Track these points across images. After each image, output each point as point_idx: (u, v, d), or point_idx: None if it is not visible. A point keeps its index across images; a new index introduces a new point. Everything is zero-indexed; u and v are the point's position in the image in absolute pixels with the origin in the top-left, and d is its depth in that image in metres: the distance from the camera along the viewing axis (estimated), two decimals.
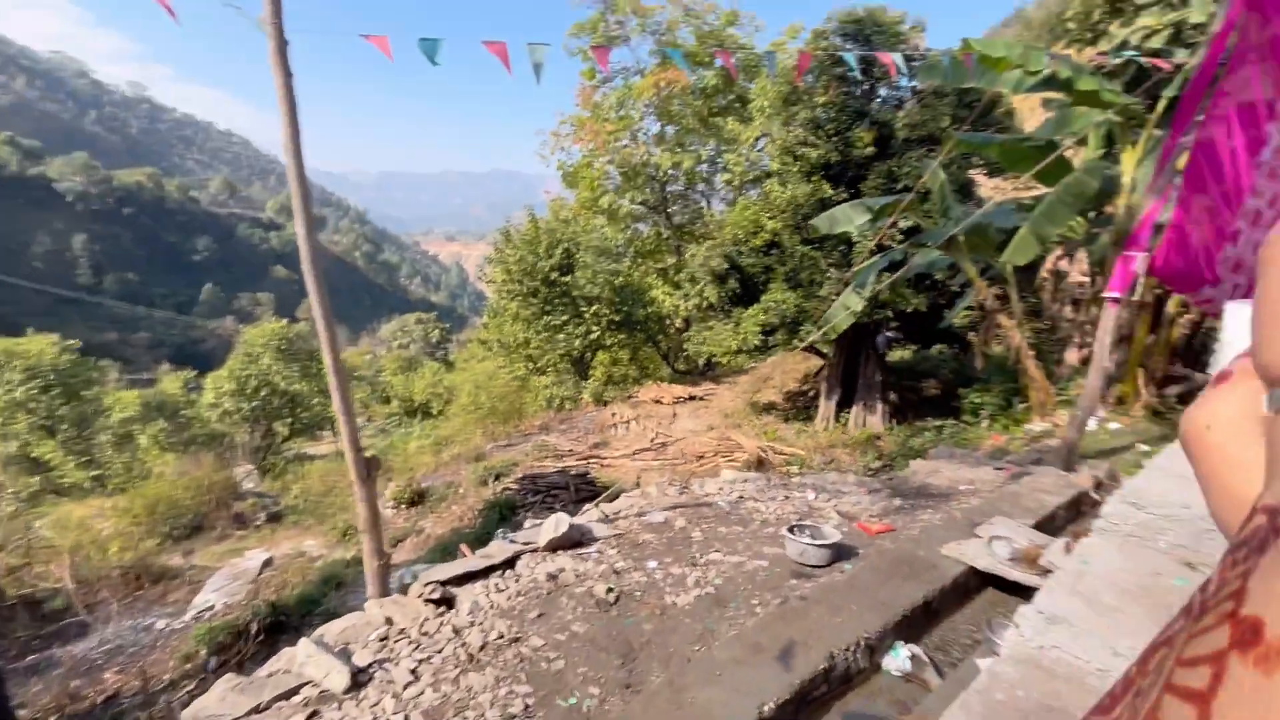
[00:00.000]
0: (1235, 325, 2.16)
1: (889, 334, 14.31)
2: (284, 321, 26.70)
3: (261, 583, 9.47)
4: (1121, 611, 1.70)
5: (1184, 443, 0.28)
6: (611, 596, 2.94)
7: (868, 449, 11.76)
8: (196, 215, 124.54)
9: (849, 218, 7.46)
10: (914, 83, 14.00)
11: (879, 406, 13.71)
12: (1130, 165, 5.87)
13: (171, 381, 34.02)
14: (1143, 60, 5.44)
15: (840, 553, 3.30)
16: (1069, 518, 3.94)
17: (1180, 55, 5.49)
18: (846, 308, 7.55)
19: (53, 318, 65.42)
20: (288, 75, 2.64)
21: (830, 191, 12.87)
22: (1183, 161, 4.16)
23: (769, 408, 16.16)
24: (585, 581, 3.12)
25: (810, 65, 13.76)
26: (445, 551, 8.64)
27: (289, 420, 23.79)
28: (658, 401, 16.72)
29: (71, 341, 22.87)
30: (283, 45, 2.61)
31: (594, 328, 17.14)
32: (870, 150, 12.88)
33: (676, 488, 4.57)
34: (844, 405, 14.28)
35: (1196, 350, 7.75)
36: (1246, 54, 3.99)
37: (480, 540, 9.29)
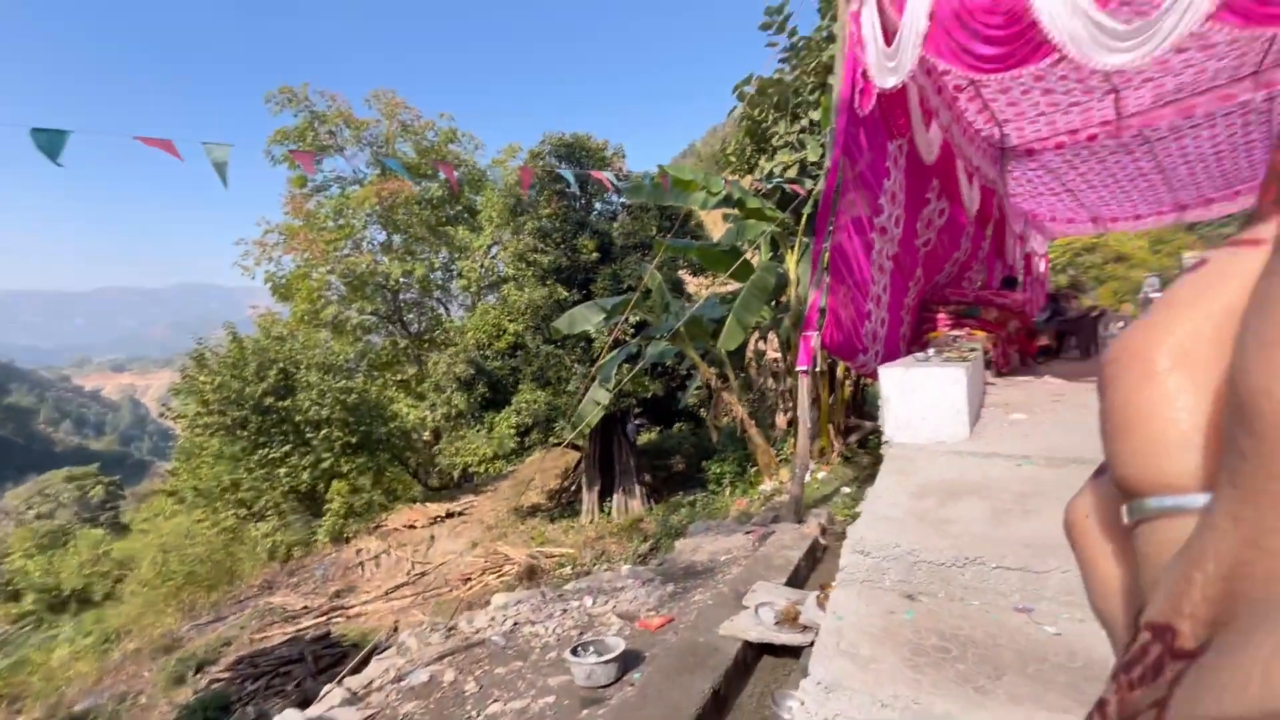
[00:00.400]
0: (888, 383, 2.66)
1: (637, 421, 15.33)
2: None
3: None
4: (877, 661, 1.85)
5: (1066, 530, 0.27)
6: None
7: (633, 534, 12.08)
8: None
9: (586, 318, 7.92)
10: (623, 199, 16.02)
11: (637, 489, 14.33)
12: (792, 265, 7.34)
13: None
14: (785, 186, 6.99)
15: (627, 662, 3.15)
16: (809, 567, 4.42)
17: (809, 184, 7.20)
18: (596, 402, 7.85)
19: None
20: None
21: (565, 293, 13.65)
22: (826, 261, 5.31)
23: (534, 510, 15.72)
24: None
25: (532, 181, 14.82)
26: None
27: None
28: (411, 527, 15.04)
29: None
30: None
31: (325, 454, 14.98)
32: (595, 256, 14.13)
33: (441, 631, 3.98)
34: (605, 494, 14.61)
35: (860, 404, 9.68)
36: (848, 184, 5.36)
37: None
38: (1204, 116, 7.80)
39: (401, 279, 19.61)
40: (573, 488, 15.90)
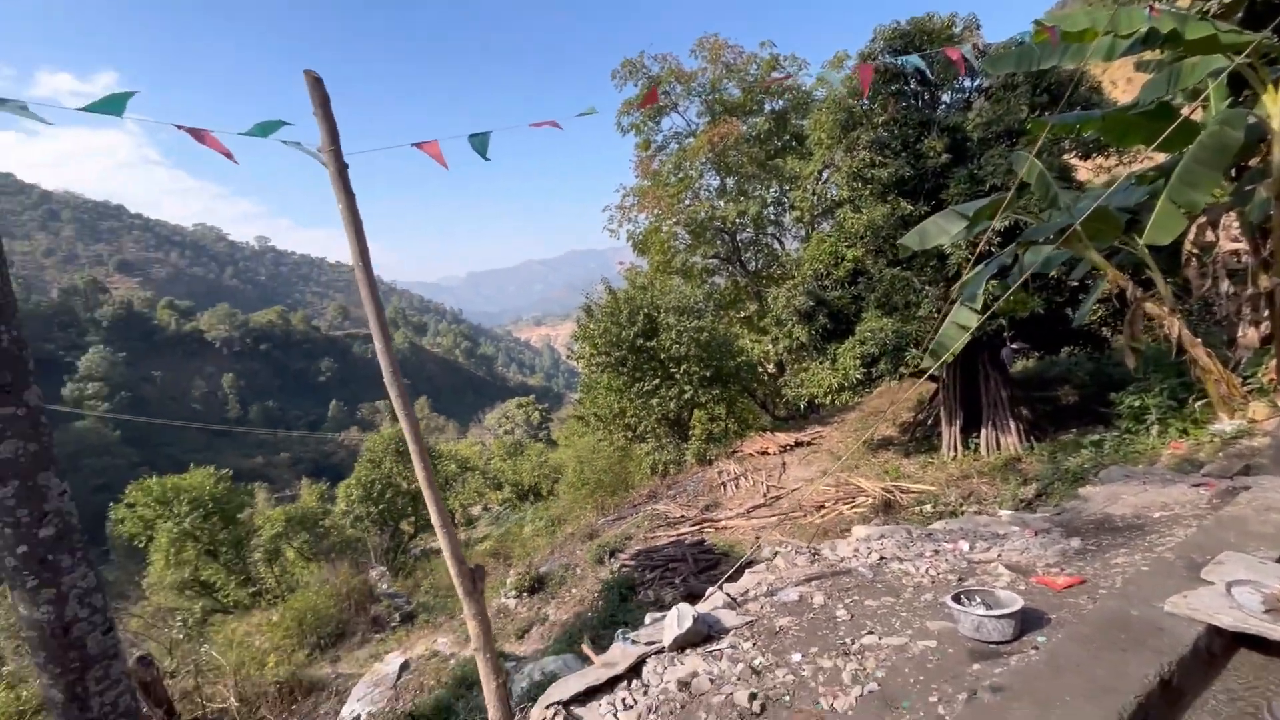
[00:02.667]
0: None
1: (1014, 346, 12.99)
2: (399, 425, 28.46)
3: (400, 688, 9.55)
4: None
5: None
6: (757, 705, 2.52)
7: (1009, 475, 10.47)
8: (318, 341, 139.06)
9: (942, 229, 6.88)
10: (979, 81, 13.28)
11: (1011, 425, 12.32)
12: (1274, 108, 5.03)
13: (310, 494, 36.90)
14: None
15: (1027, 622, 2.71)
16: None
17: None
18: (959, 325, 6.85)
19: (210, 451, 73.70)
20: (350, 197, 2.72)
21: (909, 208, 12.20)
22: None
23: (885, 443, 15.00)
24: (723, 688, 2.72)
25: (871, 89, 13.44)
26: (570, 641, 8.37)
27: (413, 519, 24.88)
28: (764, 453, 16.01)
29: (225, 471, 25.42)
30: (342, 169, 2.71)
31: (686, 387, 16.90)
32: (945, 159, 12.16)
33: (806, 555, 4.09)
34: (969, 429, 12.96)
35: None
36: None
37: (604, 624, 8.94)
38: None
39: (737, 220, 20.39)
40: (929, 421, 14.57)
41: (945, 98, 13.90)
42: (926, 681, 2.52)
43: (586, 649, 3.82)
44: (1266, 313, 6.22)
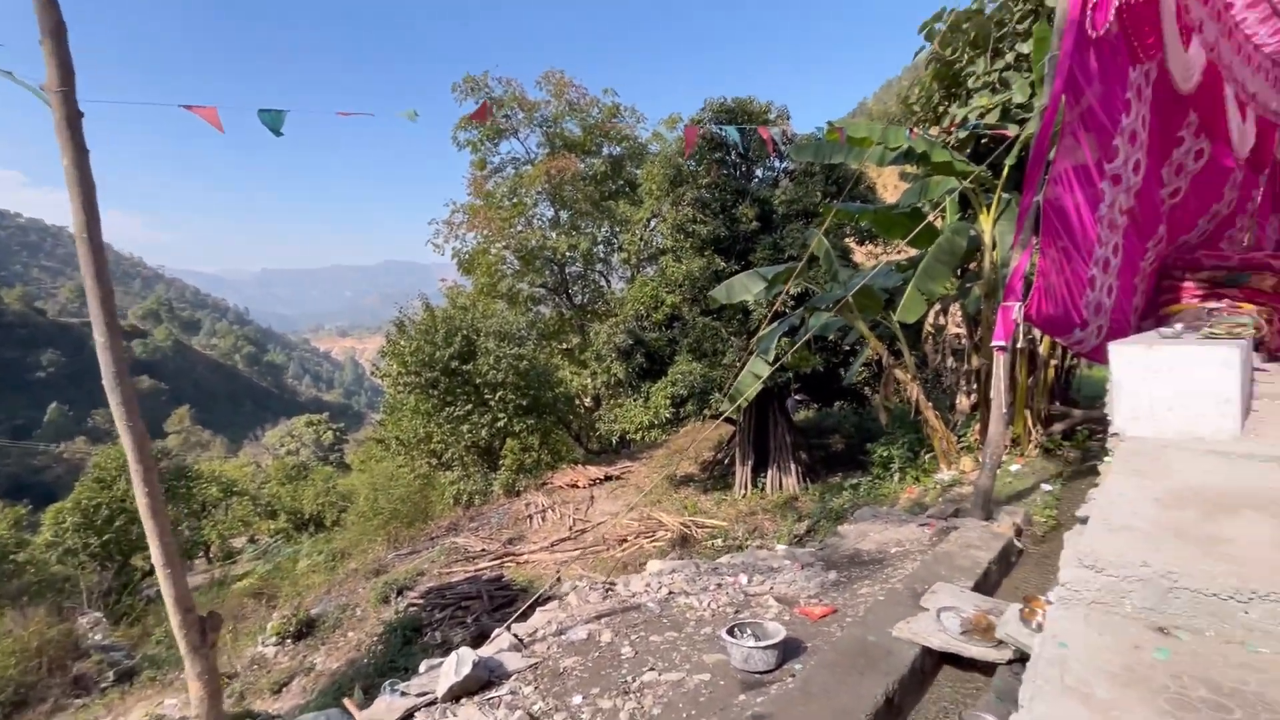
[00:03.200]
0: (1123, 364, 2.10)
1: (797, 398, 14.69)
2: None
3: None
4: (1119, 708, 1.47)
5: None
6: None
7: (788, 512, 11.70)
8: (42, 327, 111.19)
9: (746, 286, 7.62)
10: (785, 164, 15.20)
11: (792, 467, 13.84)
12: (988, 225, 6.39)
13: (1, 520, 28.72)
14: (983, 134, 6.04)
15: (788, 651, 2.96)
16: (1001, 572, 3.85)
17: (1014, 129, 6.16)
18: (754, 375, 7.57)
19: None
20: (81, 152, 2.18)
21: (723, 264, 13.37)
22: (1037, 218, 4.50)
23: (687, 480, 15.91)
24: None
25: (693, 150, 14.61)
26: (339, 693, 7.39)
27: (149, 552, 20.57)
28: (574, 485, 16.02)
29: None
30: (74, 117, 2.17)
31: (500, 414, 16.41)
32: (755, 225, 13.62)
33: (600, 590, 4.09)
34: (759, 469, 14.30)
35: (1065, 388, 8.33)
36: (1072, 123, 4.46)
37: (380, 672, 8.06)
38: None
39: (567, 253, 20.65)
40: (726, 460, 15.81)
41: (759, 173, 15.66)
42: (698, 715, 2.61)
43: (350, 704, 3.37)
44: (976, 386, 7.79)
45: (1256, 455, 2.68)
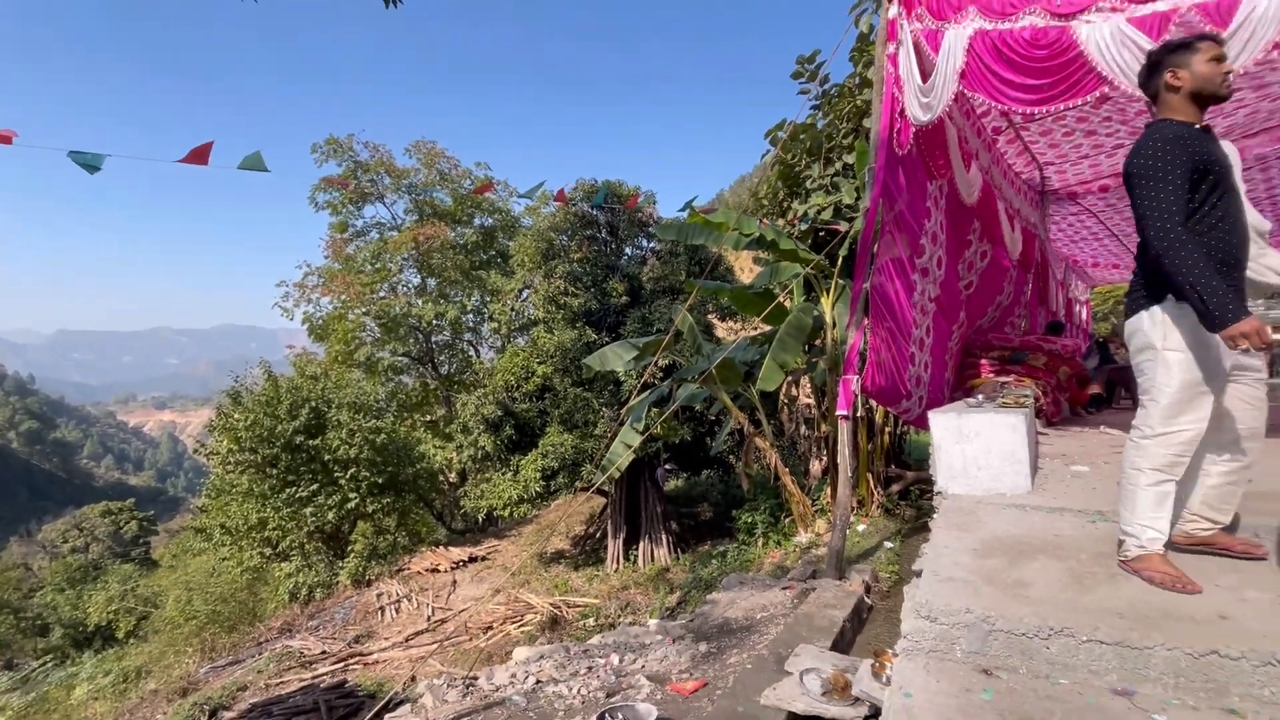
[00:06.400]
0: (940, 430, 2.42)
1: (666, 467, 14.96)
2: None
3: None
4: None
5: None
6: None
7: (660, 584, 11.63)
8: None
9: (618, 356, 7.81)
10: (653, 244, 16.14)
11: (664, 538, 13.90)
12: (828, 307, 7.17)
13: None
14: (823, 227, 6.89)
15: None
16: (855, 628, 4.08)
17: (844, 225, 7.08)
18: (625, 445, 7.65)
19: None
20: None
21: (594, 336, 13.63)
22: (867, 302, 5.13)
23: (558, 556, 15.35)
24: None
25: (564, 226, 15.06)
26: None
27: None
28: (434, 570, 14.81)
29: None
30: None
31: (352, 494, 14.95)
32: (624, 299, 14.15)
33: (459, 688, 3.73)
34: (631, 541, 14.19)
35: (899, 452, 9.27)
36: (888, 224, 5.22)
37: None
38: (1255, 160, 7.53)
39: (434, 321, 19.98)
40: (597, 534, 15.52)
41: (628, 251, 16.44)
42: None
43: None
44: (826, 451, 8.46)
45: (1043, 507, 3.15)
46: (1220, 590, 2.17)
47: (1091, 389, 8.08)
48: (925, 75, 4.59)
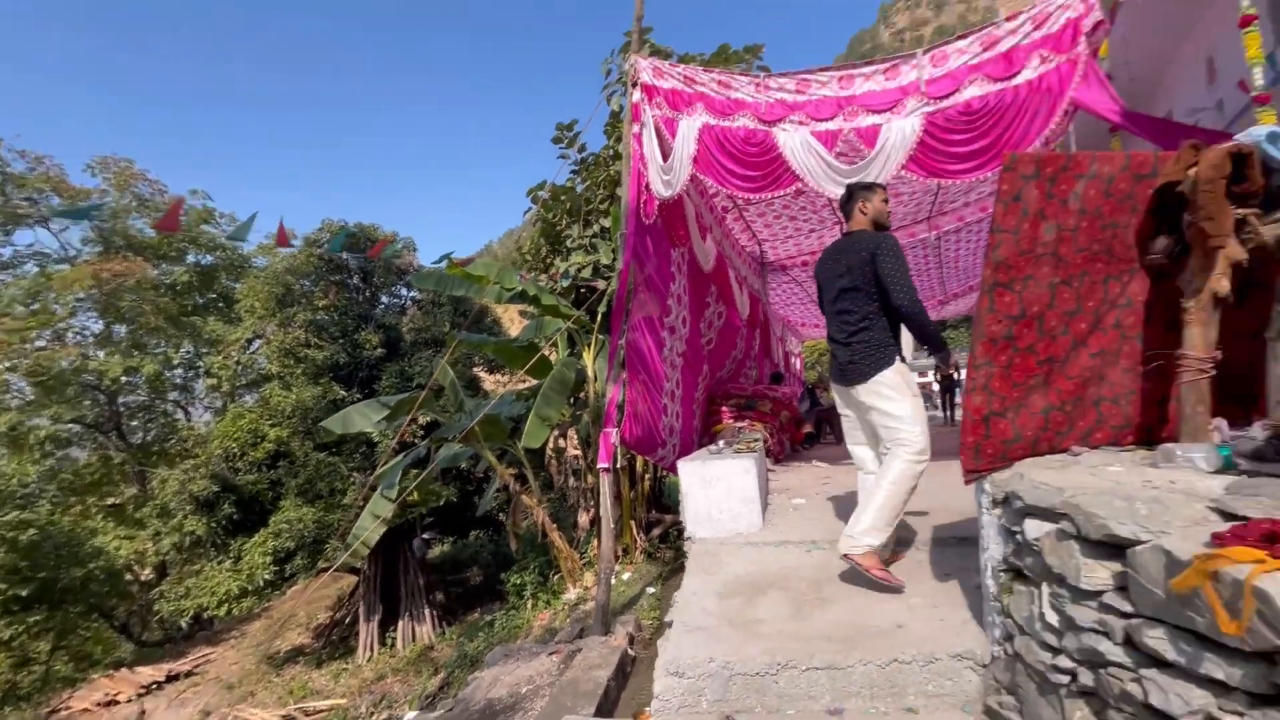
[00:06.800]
0: (687, 477, 2.58)
1: (425, 535, 13.75)
2: None
3: None
4: None
5: None
6: None
7: (422, 667, 10.49)
8: None
9: (365, 416, 7.02)
10: (414, 293, 15.23)
11: (427, 613, 12.68)
12: (590, 360, 7.41)
13: None
14: (583, 285, 7.17)
15: None
16: (620, 686, 4.06)
17: (603, 283, 7.47)
18: (376, 515, 6.82)
19: None
20: None
21: (343, 393, 12.22)
22: (622, 357, 5.40)
23: (296, 654, 12.97)
24: None
25: (307, 270, 13.43)
26: None
27: None
28: (110, 703, 11.39)
29: None
30: None
31: None
32: (380, 351, 13.00)
33: None
34: (388, 622, 12.66)
35: (660, 496, 9.83)
36: (640, 285, 5.63)
37: None
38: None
39: (123, 378, 15.98)
40: (347, 619, 13.53)
41: (384, 300, 15.25)
42: None
43: None
44: (594, 502, 8.59)
45: (771, 542, 3.53)
46: (895, 600, 2.61)
47: (805, 429, 9.60)
48: (666, 156, 5.13)
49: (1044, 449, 2.17)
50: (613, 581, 5.99)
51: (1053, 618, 1.66)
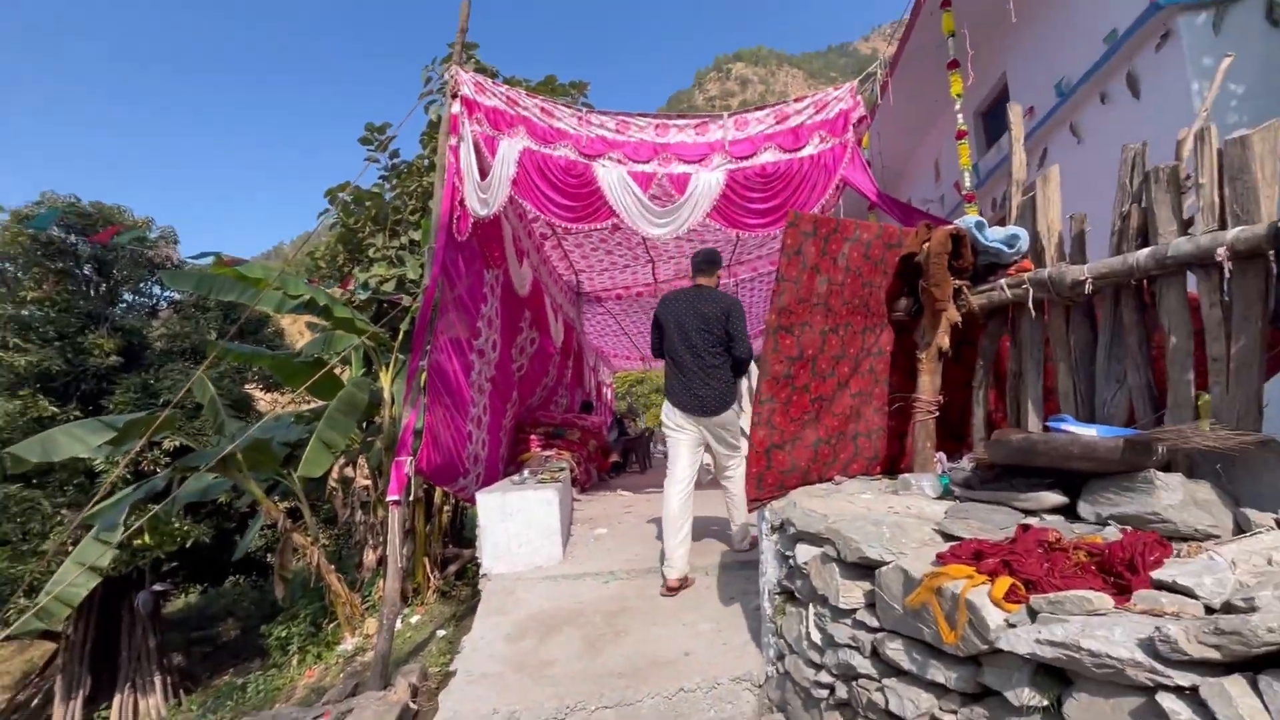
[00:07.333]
0: (486, 509, 2.41)
1: (158, 586, 11.25)
2: None
3: None
4: None
5: None
6: None
7: None
8: None
9: (80, 440, 5.56)
10: (170, 293, 12.78)
11: (158, 680, 10.38)
12: (387, 382, 6.78)
13: None
14: (385, 299, 6.56)
15: None
16: None
17: (408, 299, 6.93)
18: (83, 564, 5.40)
19: None
20: None
21: (54, 409, 9.71)
22: (423, 380, 5.02)
23: None
24: None
25: (13, 252, 10.63)
26: None
27: None
28: None
29: None
30: None
31: None
32: (115, 360, 10.62)
33: None
34: (100, 698, 10.10)
35: (460, 529, 9.28)
36: (448, 304, 5.31)
37: None
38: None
39: None
40: (35, 701, 10.53)
41: (128, 297, 12.59)
42: None
43: None
44: (382, 538, 7.78)
45: (570, 574, 3.46)
46: (684, 627, 2.68)
47: (613, 458, 9.80)
48: (484, 174, 4.95)
49: (814, 478, 2.40)
50: (399, 625, 5.45)
51: (816, 635, 1.80)
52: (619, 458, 10.06)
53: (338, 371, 7.08)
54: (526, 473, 4.84)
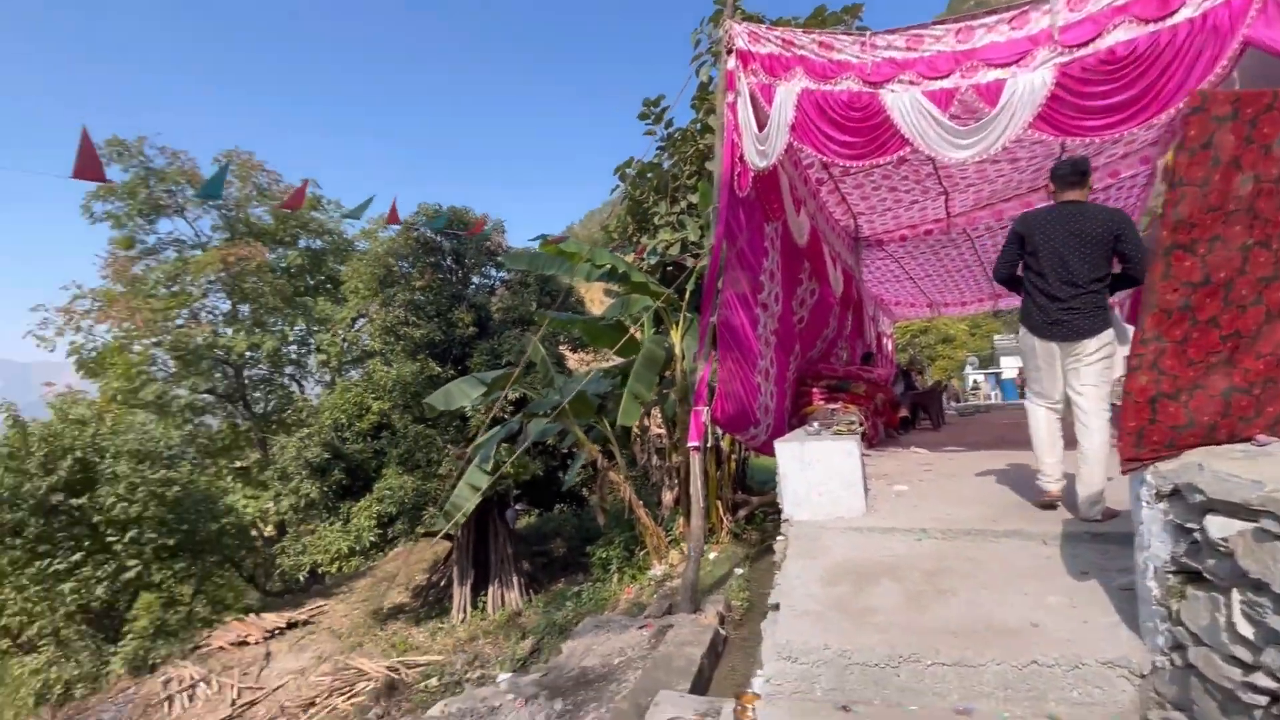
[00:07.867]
0: (786, 458, 2.44)
1: (516, 506, 14.29)
2: None
3: None
4: None
5: None
6: None
7: (511, 631, 10.98)
8: None
9: (465, 393, 7.31)
10: (502, 274, 15.70)
11: (515, 580, 13.23)
12: (677, 339, 7.34)
13: None
14: (671, 262, 7.08)
15: None
16: (712, 665, 4.03)
17: (691, 261, 7.35)
18: (471, 485, 7.13)
19: None
20: None
21: (438, 369, 12.83)
22: (715, 335, 5.29)
23: (396, 611, 13.93)
24: None
25: (405, 251, 14.13)
26: None
27: None
28: (242, 643, 12.69)
29: None
30: None
31: (131, 562, 12.40)
32: (472, 330, 13.52)
33: None
34: (479, 587, 13.32)
35: (744, 477, 9.69)
36: (731, 261, 5.47)
37: None
38: (1011, 219, 9.13)
39: (248, 354, 17.57)
40: (442, 582, 14.37)
41: (475, 280, 15.83)
42: None
43: None
44: (677, 481, 8.59)
45: (877, 528, 3.35)
46: (1025, 596, 2.39)
47: (901, 413, 9.12)
48: (761, 125, 4.91)
49: (1222, 437, 1.89)
50: (700, 561, 5.96)
51: (1246, 629, 1.44)
52: (908, 413, 9.32)
53: (634, 332, 7.89)
54: (817, 424, 4.80)
